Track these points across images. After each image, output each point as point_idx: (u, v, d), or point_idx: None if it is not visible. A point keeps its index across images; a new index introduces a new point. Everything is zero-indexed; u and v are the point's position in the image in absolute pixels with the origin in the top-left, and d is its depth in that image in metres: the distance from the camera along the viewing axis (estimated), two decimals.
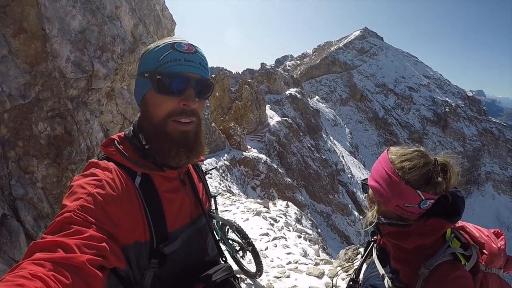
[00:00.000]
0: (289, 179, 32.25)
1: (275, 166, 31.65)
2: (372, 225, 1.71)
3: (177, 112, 1.23)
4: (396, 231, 1.59)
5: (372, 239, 1.91)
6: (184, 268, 1.33)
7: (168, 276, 1.28)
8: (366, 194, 1.75)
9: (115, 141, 1.30)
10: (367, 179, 1.71)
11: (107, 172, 1.18)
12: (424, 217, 1.52)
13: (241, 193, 21.05)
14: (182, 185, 1.40)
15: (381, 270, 1.70)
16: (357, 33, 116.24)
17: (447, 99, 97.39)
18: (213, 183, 18.31)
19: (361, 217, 1.77)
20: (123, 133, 1.37)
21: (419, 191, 1.46)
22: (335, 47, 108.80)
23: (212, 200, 5.91)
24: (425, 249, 1.50)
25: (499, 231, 1.65)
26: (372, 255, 1.89)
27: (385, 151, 1.63)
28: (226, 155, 26.84)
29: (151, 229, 1.21)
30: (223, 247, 5.88)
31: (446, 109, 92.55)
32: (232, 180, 23.91)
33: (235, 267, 5.74)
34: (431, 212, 1.52)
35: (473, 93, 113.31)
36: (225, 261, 1.57)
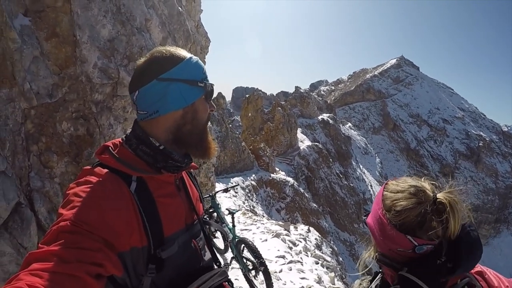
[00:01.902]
0: (315, 205, 31.87)
1: (302, 190, 31.39)
2: (367, 269, 1.60)
3: (209, 116, 1.45)
4: (392, 273, 1.41)
5: (380, 269, 1.66)
6: (180, 274, 1.34)
7: (165, 282, 1.28)
8: None
9: (109, 147, 1.31)
10: (368, 213, 1.50)
11: (102, 179, 1.18)
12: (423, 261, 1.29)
13: (264, 214, 20.89)
14: (177, 190, 1.43)
15: None
16: (393, 61, 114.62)
17: (481, 133, 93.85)
18: (238, 201, 18.28)
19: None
20: (119, 140, 1.37)
21: (409, 237, 1.26)
22: (371, 74, 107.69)
23: (230, 216, 5.97)
24: None
25: None
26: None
27: (383, 184, 1.47)
28: (253, 175, 26.85)
29: (148, 234, 1.21)
30: (237, 265, 5.90)
31: (480, 144, 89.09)
32: (257, 201, 23.80)
33: (246, 285, 5.72)
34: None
35: (509, 128, 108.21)
36: (219, 266, 1.57)
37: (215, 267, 1.56)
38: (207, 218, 6.76)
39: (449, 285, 1.29)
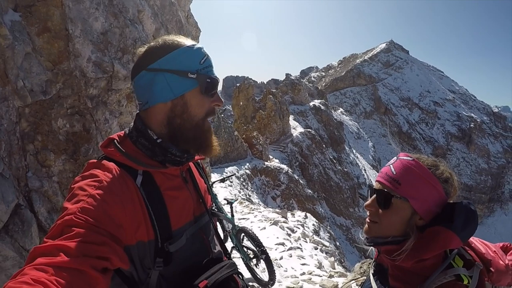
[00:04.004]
0: (310, 191, 31.98)
1: (296, 177, 31.46)
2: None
3: (210, 112, 1.35)
4: (392, 249, 1.43)
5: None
6: (188, 266, 1.33)
7: (173, 274, 1.28)
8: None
9: (115, 140, 1.29)
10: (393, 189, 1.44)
11: (107, 172, 1.17)
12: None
13: (260, 203, 20.95)
14: (184, 182, 1.40)
15: (374, 285, 1.58)
16: (383, 45, 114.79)
17: (472, 114, 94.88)
18: (233, 191, 18.30)
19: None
20: (123, 132, 1.36)
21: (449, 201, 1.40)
22: (361, 59, 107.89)
23: (229, 206, 5.95)
24: (425, 268, 1.36)
25: (508, 245, 1.56)
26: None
27: (413, 159, 1.45)
28: (247, 164, 26.84)
29: (155, 228, 1.21)
30: (237, 254, 5.90)
31: (471, 125, 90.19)
32: (252, 189, 23.83)
33: (248, 274, 5.73)
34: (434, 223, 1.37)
35: (499, 109, 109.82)
36: (229, 258, 1.55)
37: (225, 259, 1.54)
38: (215, 210, 6.69)
39: (443, 257, 1.38)
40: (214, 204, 5.94)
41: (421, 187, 1.39)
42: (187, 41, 1.31)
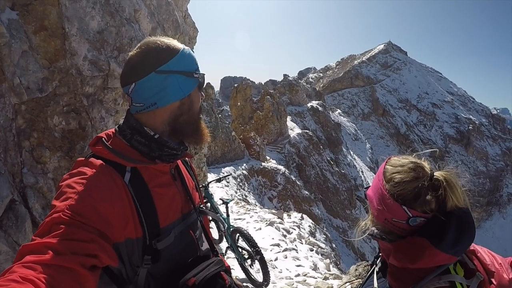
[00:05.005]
0: (306, 192, 32.00)
1: (293, 178, 31.48)
2: (364, 235, 1.59)
3: (200, 105, 1.45)
4: (385, 246, 1.47)
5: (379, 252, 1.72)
6: (176, 264, 1.34)
7: (161, 272, 1.29)
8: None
9: (103, 138, 1.31)
10: (369, 186, 1.54)
11: (95, 170, 1.18)
12: (415, 235, 1.33)
13: (257, 203, 20.93)
14: (173, 179, 1.43)
15: (375, 283, 1.60)
16: (381, 47, 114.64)
17: (470, 116, 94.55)
18: (230, 191, 18.30)
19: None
20: (112, 130, 1.37)
21: (404, 207, 1.31)
22: (359, 60, 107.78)
23: (225, 206, 5.98)
24: (419, 269, 1.33)
25: None
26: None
27: (386, 159, 1.51)
28: (244, 164, 26.84)
29: (143, 225, 1.22)
30: (232, 254, 5.92)
31: (470, 127, 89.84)
32: (249, 190, 23.82)
33: (242, 275, 5.75)
34: (424, 231, 1.32)
35: (498, 111, 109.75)
36: (216, 256, 1.57)
37: (212, 256, 1.56)
38: (204, 208, 6.64)
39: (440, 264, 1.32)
40: (209, 204, 5.98)
41: (374, 179, 1.49)
42: (178, 43, 1.37)
